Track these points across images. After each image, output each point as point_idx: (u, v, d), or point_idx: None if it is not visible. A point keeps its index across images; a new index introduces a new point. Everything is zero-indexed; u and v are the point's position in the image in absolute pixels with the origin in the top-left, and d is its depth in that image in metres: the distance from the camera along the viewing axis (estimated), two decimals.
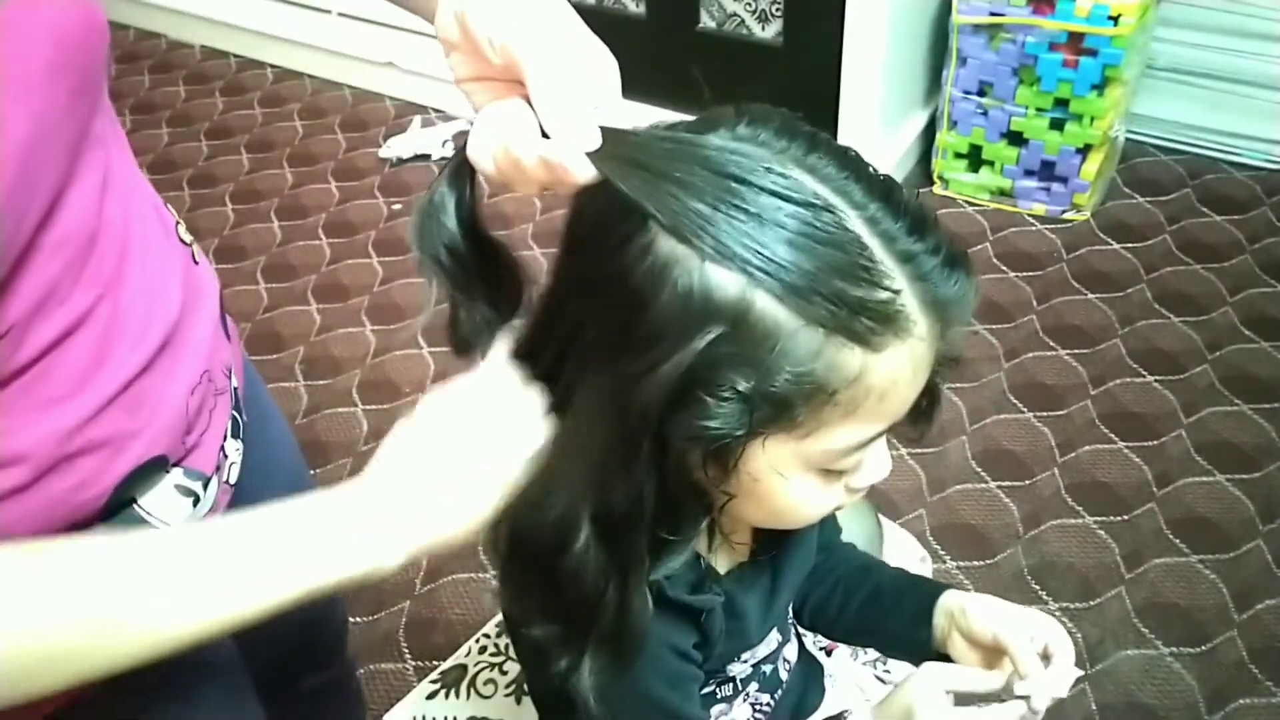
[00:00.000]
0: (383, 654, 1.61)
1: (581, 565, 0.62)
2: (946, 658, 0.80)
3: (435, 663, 1.18)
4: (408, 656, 1.61)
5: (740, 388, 0.55)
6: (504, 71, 0.57)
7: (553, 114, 0.55)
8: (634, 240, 0.56)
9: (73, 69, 0.58)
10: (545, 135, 0.56)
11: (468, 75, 0.61)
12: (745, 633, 0.79)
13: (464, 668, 1.05)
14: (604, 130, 0.56)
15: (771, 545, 0.77)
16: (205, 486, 0.72)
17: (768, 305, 0.54)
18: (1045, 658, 0.74)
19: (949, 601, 0.81)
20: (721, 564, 0.75)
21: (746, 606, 0.77)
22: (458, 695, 1.02)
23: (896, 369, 0.58)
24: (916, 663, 0.79)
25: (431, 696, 1.02)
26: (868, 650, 1.02)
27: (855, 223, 0.55)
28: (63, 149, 0.59)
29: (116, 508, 0.66)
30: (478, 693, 1.02)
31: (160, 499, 0.69)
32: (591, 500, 0.61)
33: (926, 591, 0.84)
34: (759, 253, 0.54)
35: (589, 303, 0.60)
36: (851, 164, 0.58)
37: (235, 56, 3.00)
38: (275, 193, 2.53)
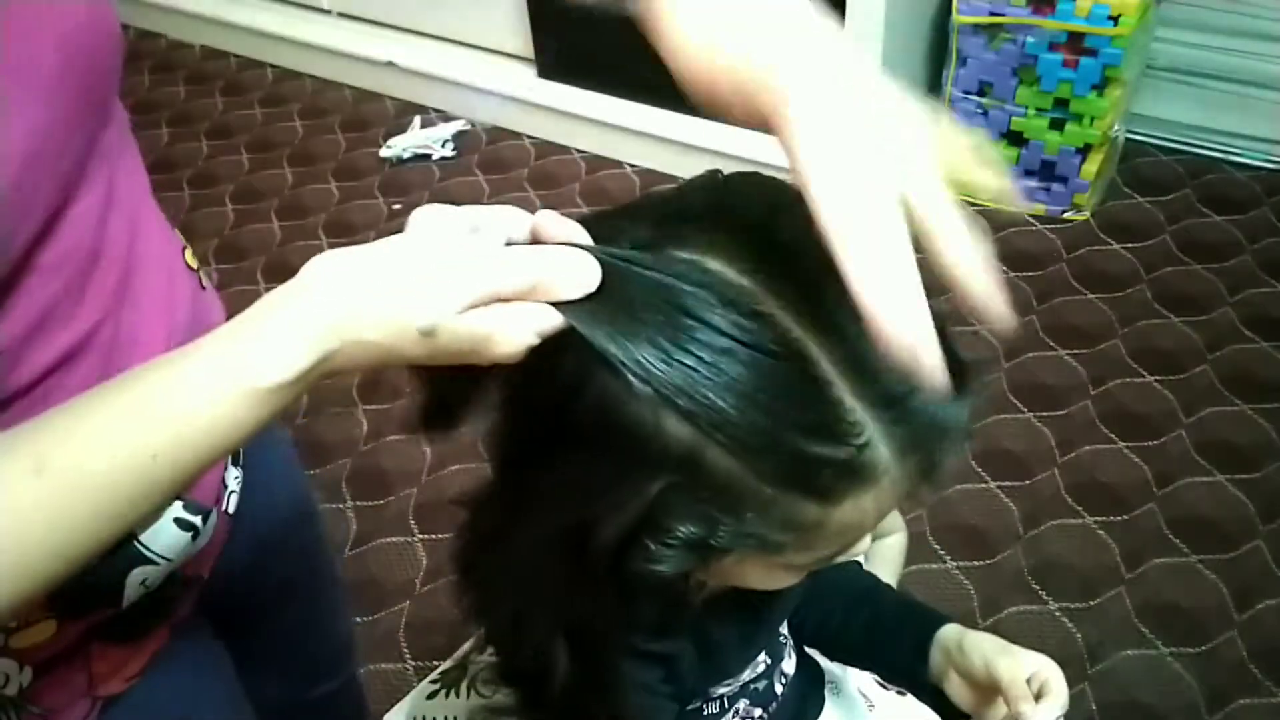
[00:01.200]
0: (383, 654, 1.61)
1: (567, 685, 0.61)
2: (943, 693, 0.81)
3: (435, 663, 1.18)
4: (408, 656, 1.61)
5: (686, 536, 0.52)
6: None
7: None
8: (580, 375, 0.50)
9: (81, 76, 0.56)
10: None
11: None
12: (722, 666, 0.77)
13: (464, 668, 1.04)
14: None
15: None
16: (205, 520, 0.70)
17: (719, 458, 0.49)
18: (1038, 698, 0.74)
19: (946, 637, 0.81)
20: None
21: (723, 640, 0.74)
22: (458, 695, 1.02)
23: (859, 513, 0.53)
24: (914, 691, 0.78)
25: (431, 696, 1.02)
26: None
27: (826, 365, 0.49)
28: (65, 162, 0.57)
29: (116, 544, 0.65)
30: (478, 693, 1.02)
31: (160, 534, 0.66)
32: (562, 626, 0.60)
33: (925, 624, 0.83)
34: (710, 406, 0.48)
35: (534, 440, 0.56)
36: None
37: (235, 56, 2.99)
38: (275, 193, 2.53)
